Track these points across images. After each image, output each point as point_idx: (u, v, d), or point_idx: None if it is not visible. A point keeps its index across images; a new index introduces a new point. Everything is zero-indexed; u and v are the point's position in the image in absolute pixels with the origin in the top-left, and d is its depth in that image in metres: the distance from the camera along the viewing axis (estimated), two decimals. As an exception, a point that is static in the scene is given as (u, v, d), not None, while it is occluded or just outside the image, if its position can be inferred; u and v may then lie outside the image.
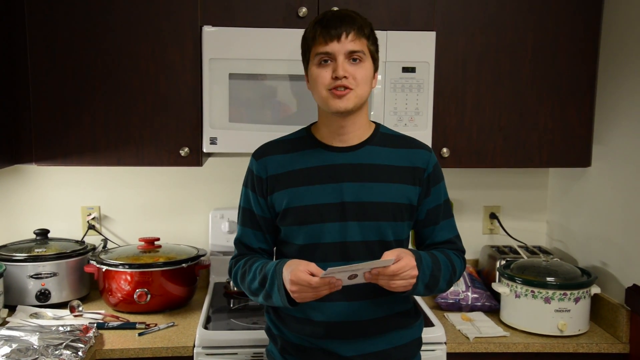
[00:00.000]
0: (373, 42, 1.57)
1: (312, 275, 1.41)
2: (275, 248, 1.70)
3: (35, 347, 1.77)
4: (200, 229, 2.58)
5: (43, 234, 2.40)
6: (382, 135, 1.64)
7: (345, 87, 1.50)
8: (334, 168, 1.58)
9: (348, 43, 1.49)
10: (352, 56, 1.50)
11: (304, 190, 1.57)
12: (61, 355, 1.75)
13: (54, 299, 2.25)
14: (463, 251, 1.71)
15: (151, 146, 2.14)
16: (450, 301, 2.28)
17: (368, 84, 1.55)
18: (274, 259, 1.69)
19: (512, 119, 2.23)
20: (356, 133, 1.60)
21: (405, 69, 2.11)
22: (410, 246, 1.72)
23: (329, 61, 1.51)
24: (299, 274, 1.41)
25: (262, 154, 1.64)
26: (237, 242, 1.69)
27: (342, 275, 1.41)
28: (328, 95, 1.51)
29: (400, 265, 1.41)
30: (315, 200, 1.56)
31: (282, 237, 1.63)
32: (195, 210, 2.57)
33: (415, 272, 1.45)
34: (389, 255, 1.44)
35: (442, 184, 1.67)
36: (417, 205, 1.62)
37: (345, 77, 1.49)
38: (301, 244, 1.58)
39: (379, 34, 2.05)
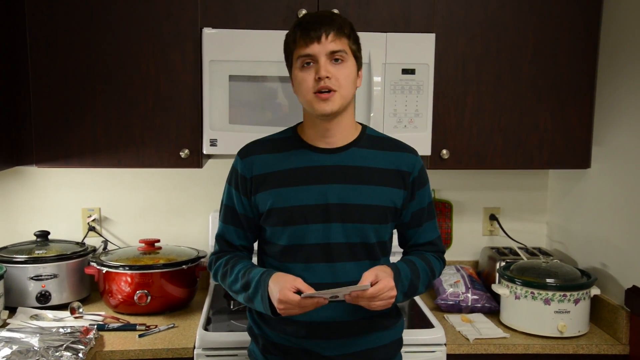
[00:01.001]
0: (354, 41, 1.56)
1: (298, 290, 1.44)
2: (258, 247, 1.71)
3: (36, 348, 1.77)
4: (201, 230, 2.58)
5: (43, 235, 2.41)
6: (368, 137, 1.64)
7: (330, 89, 1.50)
8: (319, 169, 1.58)
9: (329, 43, 1.49)
10: (333, 56, 1.50)
11: (288, 191, 1.57)
12: (61, 356, 1.76)
13: (54, 301, 2.25)
14: (443, 252, 1.74)
15: (151, 148, 2.14)
16: (450, 302, 2.28)
17: (352, 84, 1.54)
18: (256, 258, 1.70)
19: (512, 121, 2.23)
20: (342, 135, 1.60)
21: (405, 71, 2.11)
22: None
23: (311, 63, 1.51)
24: (288, 295, 1.43)
25: (247, 153, 1.63)
26: (219, 238, 1.69)
27: (324, 295, 1.44)
28: (313, 98, 1.51)
29: (378, 287, 1.44)
30: (300, 202, 1.56)
31: (266, 237, 1.64)
32: (196, 211, 2.58)
33: (394, 292, 1.48)
34: (367, 277, 1.47)
35: (427, 187, 1.68)
36: (401, 209, 1.63)
37: (328, 77, 1.49)
38: (285, 244, 1.58)
39: (379, 35, 2.09)
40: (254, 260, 1.71)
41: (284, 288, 1.44)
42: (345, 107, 1.55)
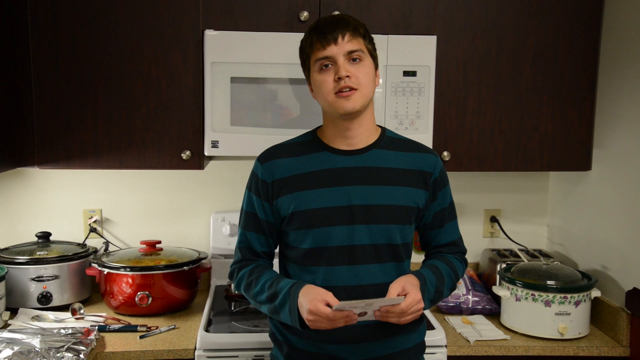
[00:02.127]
0: (370, 41, 1.58)
1: (328, 304, 1.42)
2: (279, 253, 1.69)
3: (37, 349, 1.77)
4: (202, 232, 2.59)
5: (45, 236, 2.41)
6: (388, 139, 1.64)
7: (350, 88, 1.50)
8: (341, 171, 1.57)
9: (346, 44, 1.50)
10: (351, 56, 1.51)
11: (310, 193, 1.56)
12: (63, 357, 1.76)
13: (55, 302, 2.26)
14: (465, 252, 1.75)
15: (153, 149, 2.15)
16: (451, 304, 2.28)
17: (371, 83, 1.55)
18: (277, 264, 1.69)
19: (513, 123, 2.24)
20: (363, 136, 1.60)
21: (406, 73, 2.12)
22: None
23: (330, 65, 1.52)
24: (319, 306, 1.41)
25: (268, 157, 1.62)
26: (241, 246, 1.66)
27: (354, 309, 1.42)
28: (334, 98, 1.51)
29: (407, 302, 1.44)
30: (323, 204, 1.55)
31: (288, 241, 1.62)
32: (197, 213, 2.58)
33: (422, 305, 1.48)
34: (395, 289, 1.47)
35: (448, 187, 1.69)
36: (423, 209, 1.63)
37: (348, 76, 1.49)
38: (308, 247, 1.57)
39: (380, 37, 2.09)
40: (274, 266, 1.70)
41: (315, 300, 1.43)
42: (366, 106, 1.55)
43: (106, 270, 2.20)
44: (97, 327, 2.02)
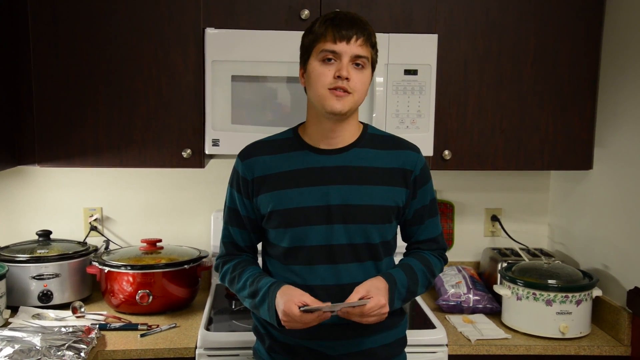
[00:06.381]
0: (376, 53, 1.59)
1: (305, 304, 1.45)
2: (262, 249, 1.71)
3: (38, 348, 1.77)
4: (202, 230, 2.58)
5: (45, 235, 2.41)
6: (370, 137, 1.64)
7: (345, 90, 1.51)
8: (321, 170, 1.58)
9: (356, 47, 1.50)
10: (356, 61, 1.52)
11: (290, 192, 1.57)
12: (63, 356, 1.76)
13: (56, 300, 2.26)
14: (445, 249, 1.75)
15: (153, 148, 2.15)
16: (452, 303, 2.28)
17: (365, 91, 1.56)
18: (260, 260, 1.71)
19: (514, 122, 2.23)
20: (345, 136, 1.60)
21: (407, 72, 2.11)
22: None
23: (333, 60, 1.51)
24: (292, 308, 1.44)
25: (248, 154, 1.63)
26: (224, 241, 1.69)
27: (323, 309, 1.45)
28: (326, 94, 1.51)
29: (369, 306, 1.46)
30: (301, 203, 1.56)
31: (269, 239, 1.64)
32: (197, 211, 2.58)
33: (386, 309, 1.49)
34: (359, 292, 1.48)
35: (429, 185, 1.68)
36: (404, 207, 1.63)
37: (347, 79, 1.50)
38: (287, 246, 1.58)
39: (381, 36, 2.08)
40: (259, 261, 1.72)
41: (290, 301, 1.45)
42: (354, 111, 1.57)
43: (107, 269, 2.20)
44: (97, 326, 2.02)
